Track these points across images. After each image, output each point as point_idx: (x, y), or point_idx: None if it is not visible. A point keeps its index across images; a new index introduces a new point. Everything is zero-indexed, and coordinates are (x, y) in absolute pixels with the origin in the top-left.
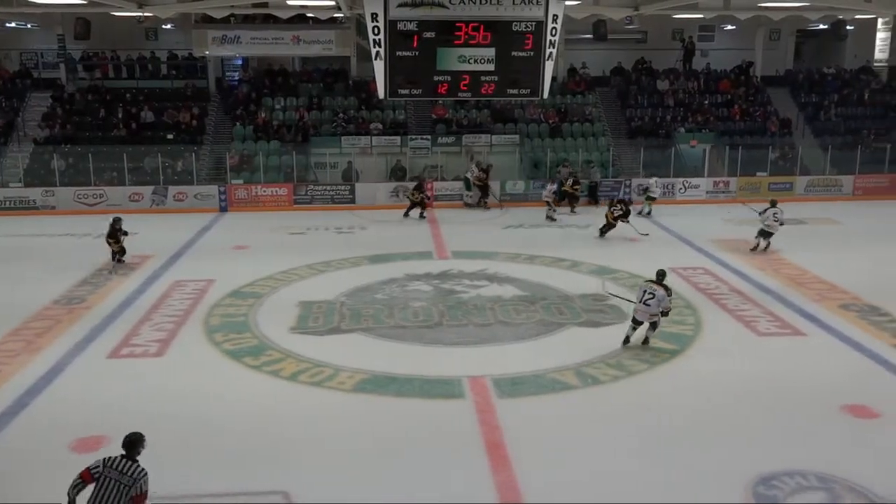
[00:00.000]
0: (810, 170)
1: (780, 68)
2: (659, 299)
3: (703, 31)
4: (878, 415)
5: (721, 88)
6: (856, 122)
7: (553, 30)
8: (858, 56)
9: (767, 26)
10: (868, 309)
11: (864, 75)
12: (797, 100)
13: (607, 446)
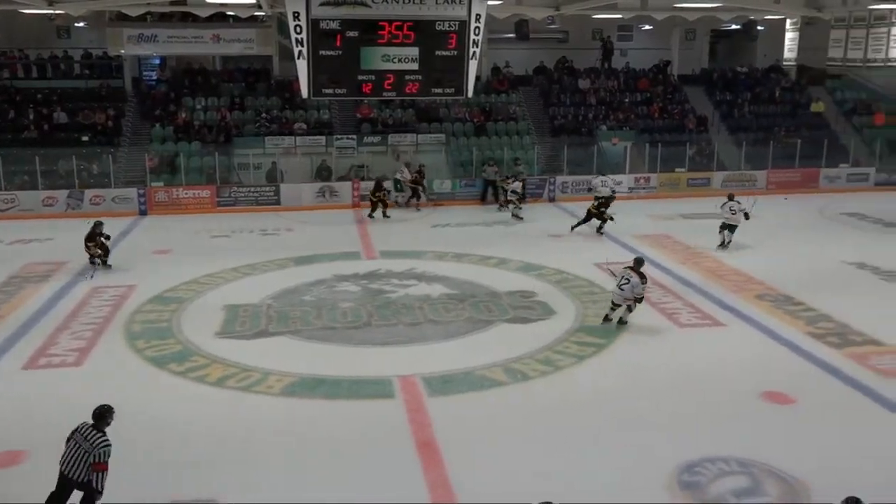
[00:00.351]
0: (726, 165)
1: (696, 67)
2: (633, 286)
3: (622, 31)
4: (793, 400)
5: (640, 87)
6: (767, 119)
7: (476, 29)
8: (768, 55)
9: (683, 26)
10: (783, 299)
11: (774, 74)
12: (712, 98)
13: (537, 441)
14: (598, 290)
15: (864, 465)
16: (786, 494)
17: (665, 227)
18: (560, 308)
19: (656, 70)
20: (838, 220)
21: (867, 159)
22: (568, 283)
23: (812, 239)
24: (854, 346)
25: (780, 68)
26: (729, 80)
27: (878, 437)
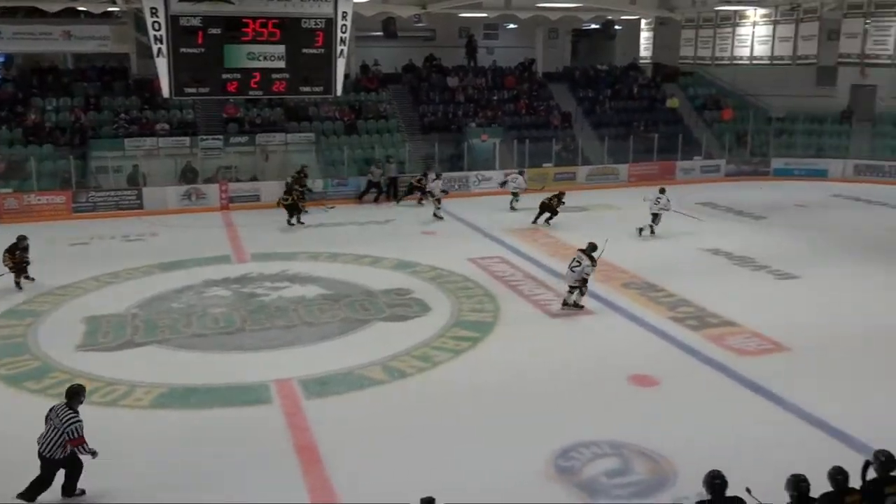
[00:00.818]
0: (590, 160)
1: (560, 65)
2: (582, 267)
3: (488, 29)
4: (658, 382)
5: (507, 85)
6: (627, 115)
7: (343, 27)
8: (626, 54)
9: (546, 26)
10: (646, 286)
11: (631, 71)
12: (575, 95)
13: (417, 438)
14: (472, 284)
15: (724, 439)
16: (654, 472)
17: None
18: (435, 304)
19: (522, 68)
20: (694, 210)
21: (718, 152)
22: (443, 280)
23: (672, 228)
24: (711, 327)
25: (638, 66)
26: (590, 78)
27: (736, 413)
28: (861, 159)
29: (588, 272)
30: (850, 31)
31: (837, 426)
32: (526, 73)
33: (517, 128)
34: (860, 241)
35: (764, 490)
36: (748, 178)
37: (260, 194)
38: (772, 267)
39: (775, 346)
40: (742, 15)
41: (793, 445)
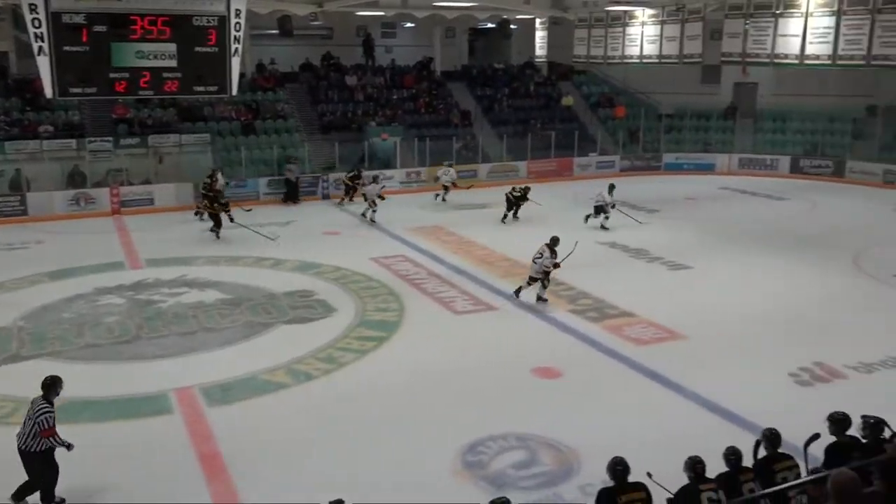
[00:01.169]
0: (490, 157)
1: (458, 64)
2: (543, 259)
3: (386, 28)
4: (561, 374)
5: (406, 84)
6: (525, 113)
7: (237, 25)
8: (522, 53)
9: (443, 25)
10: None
11: (528, 70)
12: (474, 93)
13: (325, 440)
14: (376, 284)
15: (626, 426)
16: (559, 462)
17: (437, 219)
18: (340, 305)
19: (420, 67)
20: (590, 204)
21: (612, 148)
22: (346, 280)
23: (570, 223)
24: (610, 318)
25: (534, 65)
26: (488, 77)
27: (636, 400)
28: (745, 153)
29: (547, 265)
30: (731, 32)
31: (730, 408)
32: (424, 71)
33: (417, 126)
34: (747, 231)
35: (664, 473)
36: (641, 173)
37: (154, 198)
38: (665, 258)
39: (671, 334)
40: (631, 15)
41: (690, 429)
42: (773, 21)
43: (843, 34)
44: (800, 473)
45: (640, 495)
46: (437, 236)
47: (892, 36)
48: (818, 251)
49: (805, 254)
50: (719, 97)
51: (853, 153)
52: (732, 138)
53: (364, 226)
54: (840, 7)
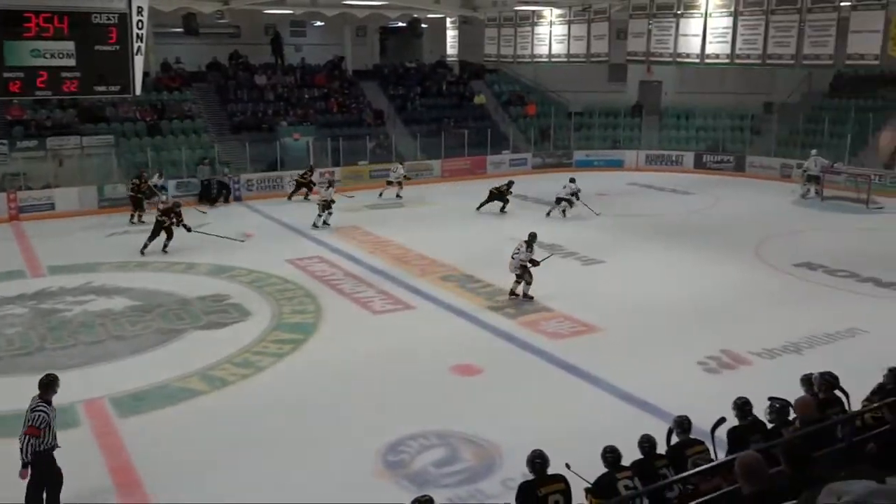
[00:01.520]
0: (404, 156)
1: (369, 63)
2: (520, 254)
3: (295, 27)
4: (480, 370)
5: (317, 83)
6: (438, 111)
7: (139, 23)
8: (434, 52)
9: (353, 24)
10: (465, 278)
11: (439, 69)
12: (386, 92)
13: (245, 447)
14: (292, 286)
15: (544, 419)
16: (481, 458)
17: (352, 219)
18: (255, 308)
19: (331, 66)
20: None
21: (525, 146)
22: (262, 283)
23: (485, 220)
24: (527, 314)
25: (445, 64)
26: (400, 75)
27: (554, 394)
28: (651, 150)
29: (524, 258)
30: (636, 31)
31: (644, 398)
32: (336, 71)
33: (330, 126)
34: (656, 225)
35: (583, 464)
36: (553, 171)
37: (55, 202)
38: (579, 253)
39: (586, 327)
40: (539, 15)
41: (606, 419)
42: (675, 21)
43: (741, 34)
44: (710, 458)
45: (560, 487)
46: (353, 236)
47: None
48: (722, 243)
49: (710, 246)
50: (626, 95)
51: (752, 149)
52: (639, 135)
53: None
54: (737, 8)
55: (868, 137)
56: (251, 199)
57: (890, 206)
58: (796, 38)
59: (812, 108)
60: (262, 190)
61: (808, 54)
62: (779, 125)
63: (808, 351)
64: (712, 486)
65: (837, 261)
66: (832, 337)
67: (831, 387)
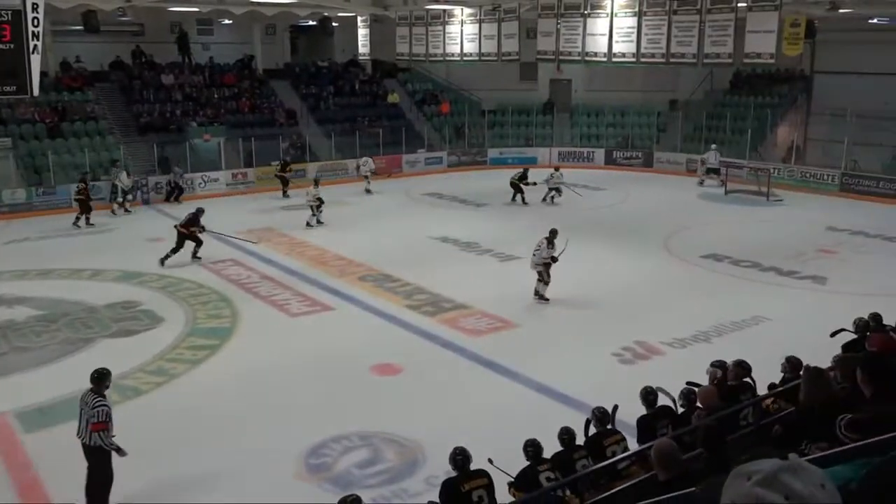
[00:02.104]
0: (319, 156)
1: (280, 62)
2: (542, 251)
3: (202, 24)
4: (400, 369)
5: (226, 82)
6: (351, 111)
7: (35, 20)
8: (346, 50)
9: (262, 22)
10: (382, 278)
11: (352, 68)
12: (299, 91)
13: (159, 456)
14: (206, 290)
15: (466, 416)
16: (403, 457)
17: (266, 221)
18: (168, 314)
19: (241, 65)
20: (421, 201)
21: (439, 144)
22: (173, 288)
23: (402, 219)
24: (445, 312)
25: (358, 62)
26: (312, 74)
27: (474, 390)
28: (563, 146)
29: (545, 256)
30: (545, 30)
31: (562, 391)
32: (246, 70)
33: (241, 126)
34: (569, 221)
35: (505, 458)
36: (468, 168)
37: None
38: (495, 250)
39: (504, 323)
40: (450, 14)
41: (528, 414)
42: (583, 21)
43: (645, 34)
44: (627, 447)
45: (483, 482)
46: (268, 238)
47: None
48: (633, 237)
49: (622, 240)
50: (537, 93)
51: (659, 145)
52: (552, 132)
53: None
54: (641, 9)
55: (767, 133)
56: (161, 203)
57: (789, 198)
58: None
59: (714, 105)
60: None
61: (709, 53)
62: (683, 122)
63: (716, 339)
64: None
65: (741, 252)
66: (738, 325)
67: (744, 374)
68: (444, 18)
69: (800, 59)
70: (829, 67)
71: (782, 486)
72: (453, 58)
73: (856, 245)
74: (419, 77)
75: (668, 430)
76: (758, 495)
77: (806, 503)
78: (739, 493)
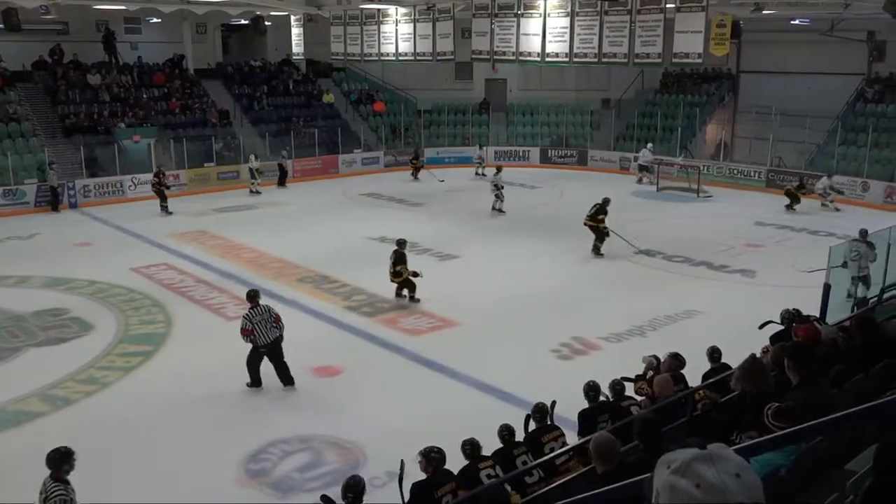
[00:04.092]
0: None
1: (212, 61)
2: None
3: (130, 23)
4: (341, 371)
5: (156, 82)
6: (286, 111)
7: None
8: (279, 50)
9: (193, 20)
10: (321, 279)
11: (286, 67)
12: (231, 91)
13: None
14: (138, 296)
15: (407, 415)
16: (344, 460)
17: (201, 223)
18: (98, 321)
19: (171, 64)
20: (359, 201)
21: (376, 144)
22: (104, 294)
23: (339, 220)
24: (385, 312)
25: (291, 62)
26: (245, 74)
27: (415, 390)
28: (500, 146)
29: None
30: (479, 30)
31: (502, 388)
32: (176, 69)
33: (172, 127)
34: (506, 220)
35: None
36: (406, 168)
37: None
38: (434, 250)
39: (444, 322)
40: (385, 13)
41: (468, 412)
42: (516, 21)
43: (577, 34)
44: (566, 442)
45: (451, 487)
46: (201, 241)
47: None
48: (569, 235)
49: (558, 238)
50: (473, 92)
51: (593, 143)
52: (488, 132)
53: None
54: (573, 9)
55: (696, 131)
56: (89, 206)
57: (718, 194)
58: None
59: (646, 103)
60: (101, 196)
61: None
62: (616, 120)
63: (651, 333)
64: None
65: (674, 247)
66: (672, 319)
67: (679, 366)
68: (379, 18)
69: (726, 59)
70: (754, 67)
71: (694, 475)
72: (388, 57)
73: (782, 239)
74: (354, 77)
75: (609, 423)
76: (672, 483)
77: (715, 491)
78: (660, 481)
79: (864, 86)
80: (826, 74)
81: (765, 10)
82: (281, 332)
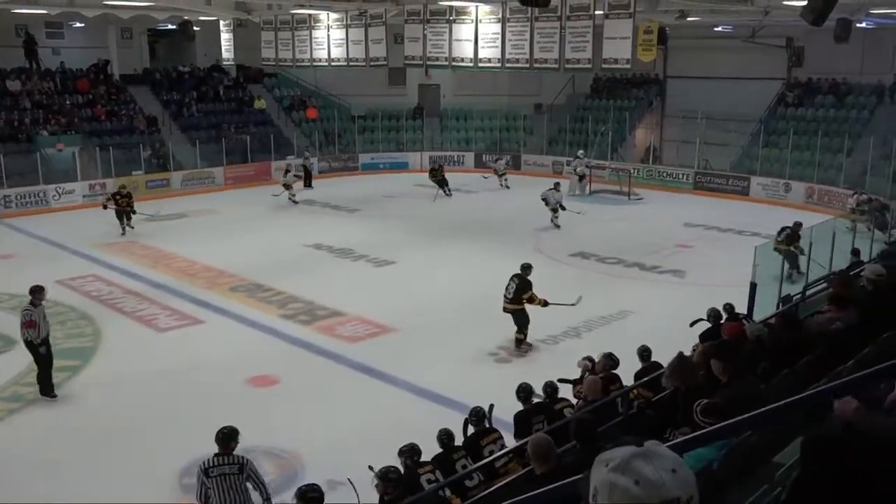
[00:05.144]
0: (183, 165)
1: (139, 67)
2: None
3: (51, 27)
4: (277, 380)
5: (80, 88)
6: (216, 117)
7: None
8: (209, 55)
9: (118, 25)
10: (254, 287)
11: (216, 73)
12: (160, 97)
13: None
14: (64, 309)
15: (345, 423)
16: (282, 469)
17: (130, 233)
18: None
19: (96, 70)
20: (293, 208)
21: (310, 150)
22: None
23: (274, 228)
24: (321, 319)
25: (221, 67)
26: (174, 80)
27: (353, 397)
28: (434, 151)
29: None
30: (412, 36)
31: (441, 392)
32: (101, 75)
33: (98, 134)
34: (443, 225)
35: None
36: (340, 174)
37: None
38: (370, 256)
39: (381, 328)
40: (316, 19)
41: (407, 418)
42: (448, 27)
43: (509, 40)
44: (504, 444)
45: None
46: (130, 251)
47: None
48: (505, 238)
49: (494, 241)
50: (407, 98)
51: (526, 147)
52: (422, 137)
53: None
54: (504, 15)
55: (626, 134)
56: (10, 217)
57: (648, 196)
58: (559, 44)
59: (577, 108)
60: (23, 206)
61: (570, 59)
62: (549, 125)
63: (586, 334)
64: None
65: (606, 249)
66: (606, 319)
67: (612, 366)
68: (311, 23)
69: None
70: (680, 72)
71: (633, 472)
72: (321, 63)
73: (710, 239)
74: (287, 82)
75: (544, 424)
76: (611, 480)
77: (654, 487)
78: (598, 479)
79: (784, 90)
80: (749, 79)
81: (689, 17)
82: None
